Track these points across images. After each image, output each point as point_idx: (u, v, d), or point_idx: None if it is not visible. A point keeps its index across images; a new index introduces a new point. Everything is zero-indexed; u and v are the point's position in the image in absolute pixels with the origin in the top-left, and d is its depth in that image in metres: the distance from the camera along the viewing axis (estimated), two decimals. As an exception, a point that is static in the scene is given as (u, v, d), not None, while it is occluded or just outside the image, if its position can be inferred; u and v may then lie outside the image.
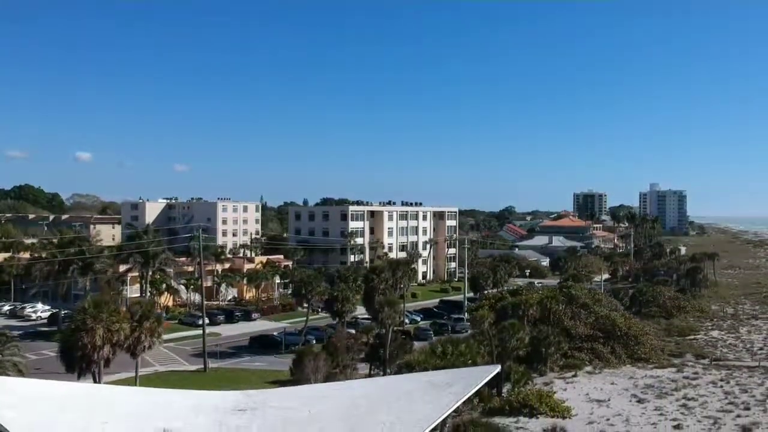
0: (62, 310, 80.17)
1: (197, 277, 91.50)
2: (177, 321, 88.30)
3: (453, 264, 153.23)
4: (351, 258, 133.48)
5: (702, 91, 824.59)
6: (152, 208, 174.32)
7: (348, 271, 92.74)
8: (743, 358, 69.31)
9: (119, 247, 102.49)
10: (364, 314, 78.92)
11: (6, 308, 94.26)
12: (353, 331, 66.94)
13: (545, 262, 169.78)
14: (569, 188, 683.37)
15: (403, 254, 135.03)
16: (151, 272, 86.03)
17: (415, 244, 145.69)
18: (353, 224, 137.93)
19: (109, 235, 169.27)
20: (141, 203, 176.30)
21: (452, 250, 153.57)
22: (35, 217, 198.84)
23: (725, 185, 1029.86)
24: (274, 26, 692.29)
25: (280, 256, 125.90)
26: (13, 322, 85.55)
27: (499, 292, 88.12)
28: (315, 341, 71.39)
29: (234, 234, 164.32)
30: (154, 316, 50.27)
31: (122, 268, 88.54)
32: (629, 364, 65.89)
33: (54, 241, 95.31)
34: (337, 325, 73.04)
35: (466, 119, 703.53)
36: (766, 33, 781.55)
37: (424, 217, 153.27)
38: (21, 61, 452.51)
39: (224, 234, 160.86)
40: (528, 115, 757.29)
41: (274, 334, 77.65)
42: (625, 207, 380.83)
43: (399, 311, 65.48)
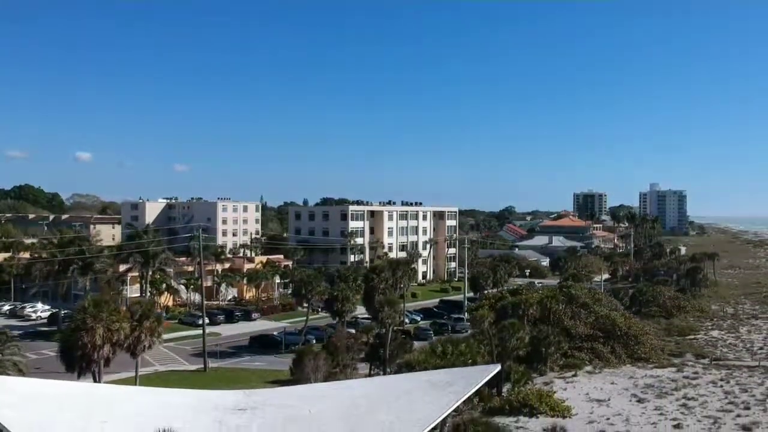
0: (62, 309, 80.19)
1: (197, 277, 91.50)
2: (177, 321, 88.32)
3: (453, 264, 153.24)
4: (351, 258, 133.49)
5: (702, 91, 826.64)
6: (152, 208, 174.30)
7: (348, 270, 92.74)
8: (743, 358, 69.30)
9: (119, 246, 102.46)
10: (364, 314, 78.97)
11: (6, 308, 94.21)
12: (353, 331, 66.93)
13: (545, 262, 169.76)
14: (569, 188, 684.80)
15: (403, 254, 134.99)
16: (151, 272, 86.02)
17: (415, 244, 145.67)
18: (353, 224, 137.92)
19: (109, 235, 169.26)
20: (141, 203, 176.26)
21: (452, 250, 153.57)
22: (35, 217, 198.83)
23: (725, 185, 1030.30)
24: (274, 26, 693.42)
25: (280, 255, 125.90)
26: (13, 322, 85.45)
27: (499, 292, 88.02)
28: (315, 341, 71.40)
29: (234, 234, 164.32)
30: (154, 315, 50.25)
31: (122, 267, 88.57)
32: (629, 364, 65.85)
33: (54, 241, 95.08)
34: (337, 324, 73.01)
35: (466, 119, 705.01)
36: (766, 33, 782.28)
37: (424, 217, 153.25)
38: (21, 61, 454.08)
39: (224, 234, 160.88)
40: (528, 115, 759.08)
41: (274, 333, 77.67)
42: (625, 207, 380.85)
43: (399, 311, 65.43)
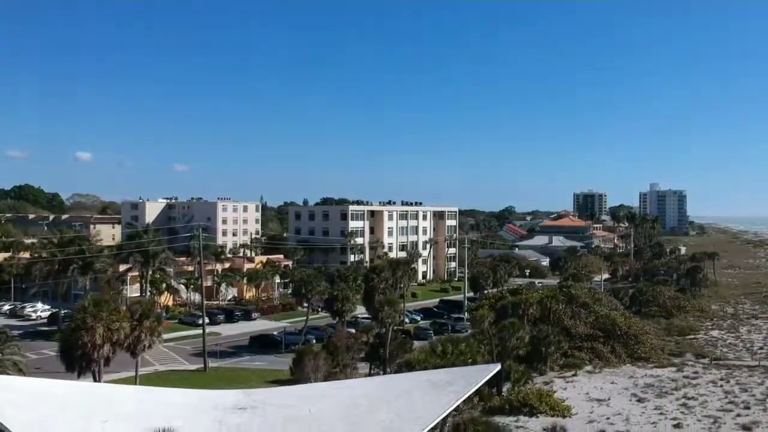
0: (62, 309, 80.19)
1: (197, 277, 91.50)
2: (177, 320, 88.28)
3: (453, 264, 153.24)
4: (351, 257, 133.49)
5: (702, 91, 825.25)
6: (152, 208, 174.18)
7: (348, 270, 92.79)
8: (743, 358, 69.33)
9: (119, 246, 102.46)
10: (364, 314, 79.00)
11: (6, 308, 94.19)
12: (353, 331, 66.91)
13: (545, 262, 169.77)
14: (569, 188, 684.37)
15: (403, 254, 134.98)
16: (151, 272, 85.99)
17: (415, 244, 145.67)
18: (353, 224, 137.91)
19: (109, 234, 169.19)
20: (141, 203, 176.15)
21: (452, 250, 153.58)
22: (35, 217, 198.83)
23: (725, 185, 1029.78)
24: (273, 26, 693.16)
25: (280, 255, 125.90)
26: (13, 322, 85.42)
27: (499, 292, 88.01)
28: (315, 341, 71.41)
29: (234, 234, 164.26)
30: (154, 315, 50.27)
31: (122, 267, 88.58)
32: (629, 364, 65.87)
33: (54, 240, 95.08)
34: (337, 324, 73.01)
35: (466, 119, 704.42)
36: (766, 33, 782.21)
37: (424, 217, 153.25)
38: (21, 61, 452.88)
39: (224, 234, 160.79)
40: (528, 115, 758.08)
41: (274, 333, 77.68)
42: (625, 207, 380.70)
43: (399, 310, 65.45)
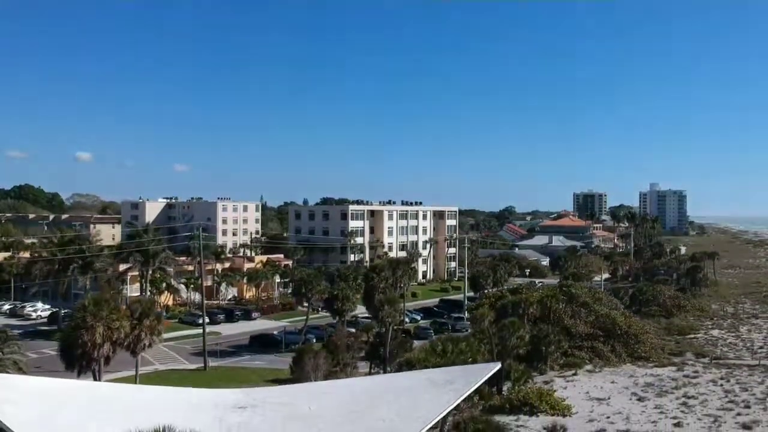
0: (62, 309, 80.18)
1: (197, 276, 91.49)
2: (177, 320, 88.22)
3: (453, 263, 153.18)
4: (351, 257, 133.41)
5: (702, 91, 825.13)
6: (152, 208, 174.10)
7: (348, 270, 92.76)
8: (743, 357, 69.37)
9: (119, 246, 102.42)
10: (365, 313, 78.94)
11: (6, 307, 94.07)
12: (353, 330, 66.91)
13: (545, 262, 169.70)
14: (569, 188, 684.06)
15: (403, 253, 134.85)
16: (151, 271, 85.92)
17: (415, 244, 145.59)
18: (353, 223, 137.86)
19: (109, 234, 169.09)
20: (141, 203, 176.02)
21: (452, 250, 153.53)
22: (35, 217, 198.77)
23: (725, 185, 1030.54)
24: (274, 27, 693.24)
25: (280, 255, 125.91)
26: (13, 321, 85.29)
27: (499, 291, 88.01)
28: (315, 340, 71.41)
29: (234, 233, 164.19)
30: (154, 314, 50.22)
31: (122, 267, 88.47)
32: (629, 363, 65.91)
33: (54, 240, 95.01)
34: (337, 323, 72.94)
35: (466, 119, 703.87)
36: (766, 33, 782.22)
37: (424, 217, 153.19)
38: (21, 61, 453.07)
39: (224, 233, 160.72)
40: (528, 115, 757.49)
41: (274, 333, 77.67)
42: (625, 207, 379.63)
43: (399, 310, 65.44)
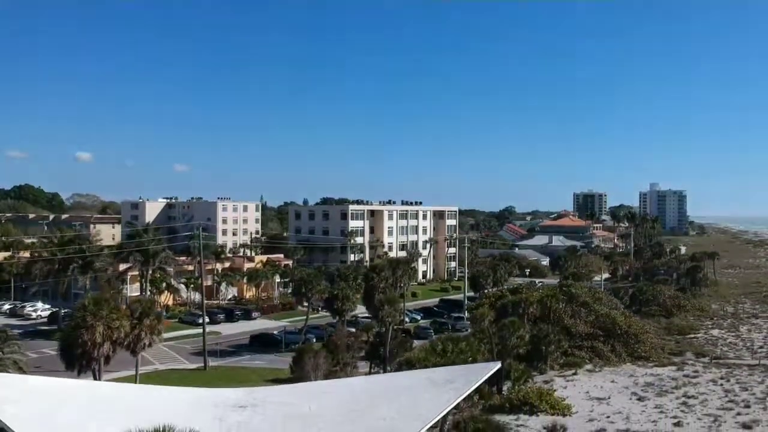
0: (62, 309, 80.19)
1: (197, 276, 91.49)
2: (177, 320, 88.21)
3: (453, 263, 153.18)
4: (351, 257, 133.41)
5: (702, 91, 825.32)
6: (152, 208, 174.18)
7: (348, 269, 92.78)
8: (743, 357, 69.39)
9: (119, 245, 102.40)
10: (365, 313, 78.95)
11: (6, 307, 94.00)
12: (353, 330, 66.89)
13: (545, 262, 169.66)
14: (569, 188, 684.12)
15: (403, 253, 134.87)
16: (151, 271, 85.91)
17: (415, 244, 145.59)
18: (353, 223, 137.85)
19: (109, 234, 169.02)
20: (141, 203, 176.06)
21: (452, 250, 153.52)
22: (35, 217, 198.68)
23: (725, 185, 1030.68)
24: (274, 27, 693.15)
25: (280, 255, 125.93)
26: (13, 321, 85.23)
27: (499, 291, 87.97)
28: (315, 340, 71.41)
29: (234, 233, 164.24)
30: (154, 313, 50.24)
31: (122, 266, 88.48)
32: (629, 363, 65.92)
33: (54, 240, 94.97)
34: (337, 323, 72.93)
35: (466, 120, 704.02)
36: (766, 33, 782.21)
37: (424, 217, 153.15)
38: (21, 60, 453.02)
39: (224, 233, 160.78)
40: (528, 115, 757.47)
41: (274, 332, 77.68)
42: (625, 207, 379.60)
43: (399, 310, 65.41)
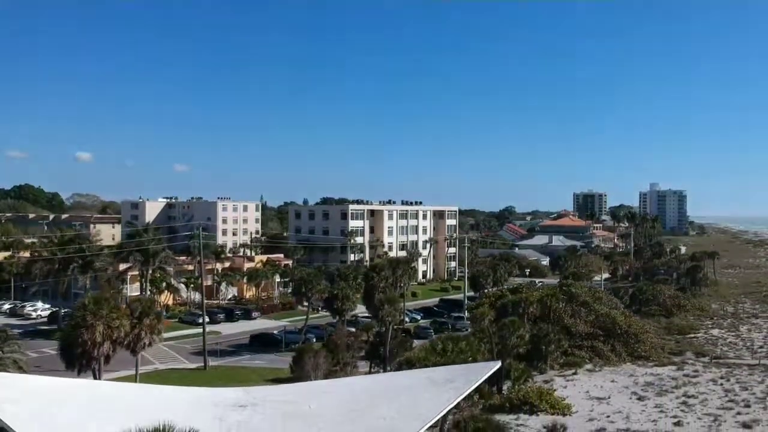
0: (62, 308, 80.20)
1: (197, 276, 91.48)
2: (177, 319, 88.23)
3: (453, 263, 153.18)
4: (351, 257, 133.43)
5: (702, 91, 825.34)
6: (152, 208, 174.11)
7: (348, 269, 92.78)
8: (743, 356, 69.35)
9: (119, 245, 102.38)
10: (365, 312, 78.92)
11: (6, 307, 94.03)
12: (353, 329, 66.86)
13: (545, 262, 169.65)
14: (569, 188, 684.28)
15: (403, 253, 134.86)
16: (151, 271, 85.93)
17: (415, 243, 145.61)
18: (353, 223, 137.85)
19: (109, 234, 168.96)
20: (141, 202, 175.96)
21: (452, 249, 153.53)
22: (35, 217, 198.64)
23: (725, 185, 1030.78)
24: (274, 27, 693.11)
25: (280, 255, 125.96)
26: (13, 321, 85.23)
27: (499, 291, 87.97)
28: (315, 339, 71.43)
29: (234, 233, 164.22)
30: (154, 313, 50.24)
31: (122, 266, 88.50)
32: (629, 362, 65.89)
33: (54, 239, 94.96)
34: (337, 323, 72.95)
35: (466, 120, 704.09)
36: (766, 33, 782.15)
37: (424, 216, 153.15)
38: (21, 60, 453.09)
39: (224, 233, 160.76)
40: (528, 115, 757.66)
41: (274, 332, 77.71)
42: (625, 207, 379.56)
43: (399, 309, 65.39)
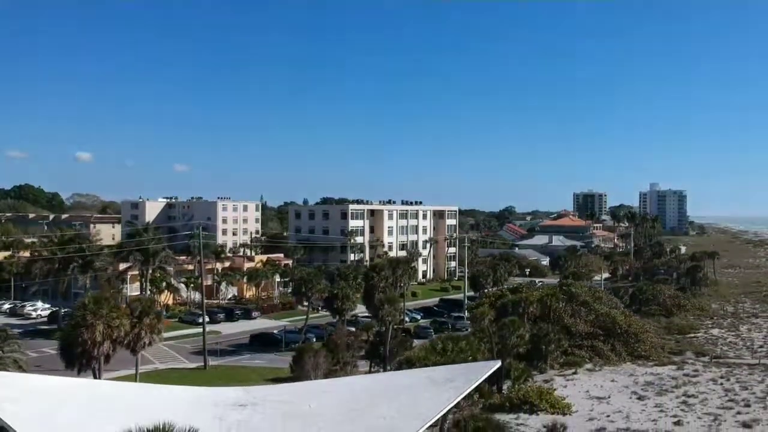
0: (62, 308, 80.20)
1: (197, 276, 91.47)
2: (177, 319, 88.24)
3: (453, 263, 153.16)
4: (351, 256, 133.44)
5: (702, 91, 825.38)
6: (152, 207, 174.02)
7: (348, 269, 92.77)
8: (743, 356, 69.35)
9: (119, 245, 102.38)
10: (365, 312, 78.94)
11: (6, 306, 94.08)
12: (353, 329, 66.87)
13: (545, 261, 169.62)
14: (569, 188, 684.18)
15: (403, 253, 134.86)
16: (151, 270, 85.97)
17: (415, 243, 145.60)
18: (353, 223, 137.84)
19: (109, 234, 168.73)
20: (141, 202, 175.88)
21: (452, 249, 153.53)
22: (35, 217, 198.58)
23: (725, 185, 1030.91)
24: (274, 27, 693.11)
25: (280, 254, 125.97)
26: (13, 321, 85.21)
27: (499, 290, 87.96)
28: (315, 339, 71.44)
29: (234, 233, 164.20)
30: (154, 312, 50.26)
31: (122, 266, 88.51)
32: (629, 362, 65.91)
33: (54, 239, 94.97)
34: (337, 323, 72.97)
35: (466, 120, 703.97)
36: (766, 33, 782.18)
37: (424, 216, 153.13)
38: (21, 60, 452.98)
39: (224, 233, 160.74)
40: (528, 115, 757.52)
41: (274, 332, 77.73)
42: (625, 207, 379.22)
43: (399, 309, 65.41)
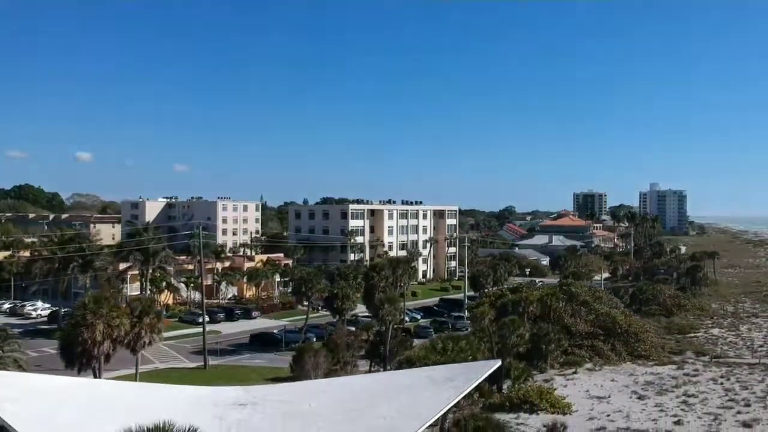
0: (62, 307, 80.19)
1: (197, 275, 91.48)
2: (177, 319, 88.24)
3: (453, 263, 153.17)
4: (351, 256, 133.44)
5: (702, 91, 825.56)
6: (152, 207, 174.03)
7: (348, 269, 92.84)
8: (743, 356, 69.36)
9: (119, 244, 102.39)
10: (365, 312, 78.97)
11: (6, 306, 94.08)
12: (353, 329, 66.88)
13: (545, 261, 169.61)
14: (569, 188, 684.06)
15: (404, 253, 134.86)
16: (151, 270, 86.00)
17: (416, 243, 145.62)
18: (353, 223, 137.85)
19: (109, 234, 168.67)
20: (141, 202, 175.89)
21: (452, 249, 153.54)
22: (35, 217, 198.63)
23: (725, 185, 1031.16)
24: (274, 27, 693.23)
25: (280, 254, 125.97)
26: (13, 320, 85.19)
27: (499, 290, 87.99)
28: (315, 339, 71.45)
29: (234, 233, 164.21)
30: (154, 312, 50.28)
31: (122, 265, 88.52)
32: (629, 362, 65.91)
33: (54, 239, 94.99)
34: (337, 322, 72.99)
35: (466, 120, 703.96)
36: (766, 33, 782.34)
37: (425, 216, 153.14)
38: (21, 60, 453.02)
39: (224, 233, 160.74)
40: (528, 115, 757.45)
41: (274, 331, 77.73)
42: (625, 207, 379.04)
43: (399, 309, 65.43)
